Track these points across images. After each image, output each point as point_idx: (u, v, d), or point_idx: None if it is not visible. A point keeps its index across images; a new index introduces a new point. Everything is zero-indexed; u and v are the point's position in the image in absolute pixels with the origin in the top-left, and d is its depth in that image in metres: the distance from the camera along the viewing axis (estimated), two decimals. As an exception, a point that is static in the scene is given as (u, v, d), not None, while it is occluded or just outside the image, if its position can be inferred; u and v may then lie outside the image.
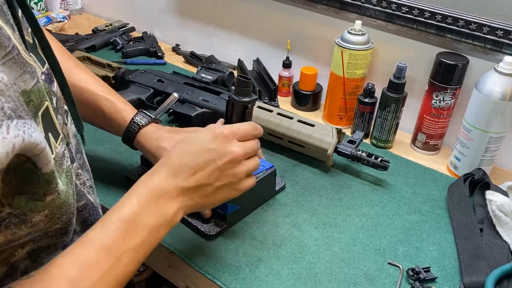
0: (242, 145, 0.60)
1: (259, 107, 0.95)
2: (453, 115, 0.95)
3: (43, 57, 0.53)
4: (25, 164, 0.38)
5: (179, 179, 0.56)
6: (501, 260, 0.69)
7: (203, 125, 0.98)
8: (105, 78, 1.12)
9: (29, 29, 0.51)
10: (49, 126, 0.45)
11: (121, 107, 0.76)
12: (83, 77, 0.76)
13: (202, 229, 0.72)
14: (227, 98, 0.67)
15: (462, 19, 0.88)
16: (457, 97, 0.92)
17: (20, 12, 0.49)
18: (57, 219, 0.46)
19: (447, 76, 0.89)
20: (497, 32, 0.85)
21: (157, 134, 0.73)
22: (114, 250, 0.48)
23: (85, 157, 0.63)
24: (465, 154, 0.88)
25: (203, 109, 0.99)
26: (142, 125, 0.74)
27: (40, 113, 0.43)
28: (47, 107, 0.45)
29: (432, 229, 0.78)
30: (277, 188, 0.82)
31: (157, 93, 1.04)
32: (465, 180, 0.84)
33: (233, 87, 0.85)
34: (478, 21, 0.87)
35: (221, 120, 0.71)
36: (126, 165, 0.87)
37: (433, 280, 0.68)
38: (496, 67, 0.81)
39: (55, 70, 0.55)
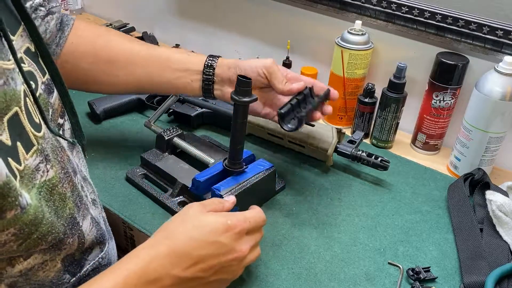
0: (249, 241, 0.57)
1: (259, 107, 0.95)
2: (453, 115, 0.95)
3: (44, 66, 0.51)
4: None
5: (177, 268, 0.51)
6: (501, 260, 0.69)
7: (203, 125, 1.00)
8: (105, 78, 1.12)
9: (30, 38, 0.50)
10: (18, 135, 0.42)
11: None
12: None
13: (202, 229, 0.72)
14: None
15: (462, 19, 0.88)
16: (457, 97, 0.92)
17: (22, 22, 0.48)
18: (38, 240, 0.43)
19: (447, 76, 0.89)
20: (497, 32, 0.85)
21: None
22: None
23: (87, 169, 0.62)
24: (465, 154, 0.88)
25: (203, 109, 0.99)
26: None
27: (5, 118, 0.40)
28: (16, 113, 0.42)
29: (432, 229, 0.78)
30: (277, 188, 0.82)
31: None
32: (465, 180, 0.84)
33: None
34: (478, 21, 0.87)
35: (232, 199, 0.64)
36: (126, 165, 0.87)
37: (433, 280, 0.68)
38: (496, 67, 0.81)
39: (56, 78, 0.53)
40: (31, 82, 0.46)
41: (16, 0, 0.47)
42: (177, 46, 1.36)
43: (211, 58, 0.76)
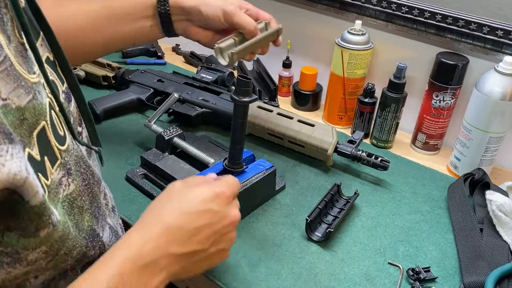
0: (237, 205, 0.56)
1: (259, 107, 0.95)
2: (453, 115, 0.95)
3: (62, 75, 0.51)
4: (12, 196, 0.34)
5: (174, 245, 0.48)
6: (501, 260, 0.69)
7: (203, 125, 1.00)
8: (105, 78, 1.12)
9: (49, 47, 0.49)
10: (45, 149, 0.41)
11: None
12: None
13: (202, 229, 0.72)
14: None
15: (462, 19, 0.88)
16: (457, 97, 0.92)
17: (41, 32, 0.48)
18: (65, 256, 0.42)
19: (447, 76, 0.89)
20: (497, 32, 0.85)
21: None
22: None
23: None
24: (465, 154, 0.88)
25: (203, 109, 0.99)
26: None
27: (35, 133, 0.39)
28: (43, 128, 0.41)
29: (432, 229, 0.78)
30: (277, 188, 0.82)
31: (157, 93, 1.04)
32: (465, 180, 0.84)
33: (233, 87, 0.85)
34: (478, 21, 0.87)
35: (213, 176, 0.62)
36: (126, 165, 0.87)
37: (433, 280, 0.68)
38: (496, 67, 0.81)
39: (73, 87, 0.52)
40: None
41: (36, 8, 0.47)
42: (177, 46, 1.36)
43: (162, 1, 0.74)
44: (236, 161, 0.75)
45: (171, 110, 0.99)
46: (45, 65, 0.46)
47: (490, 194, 0.75)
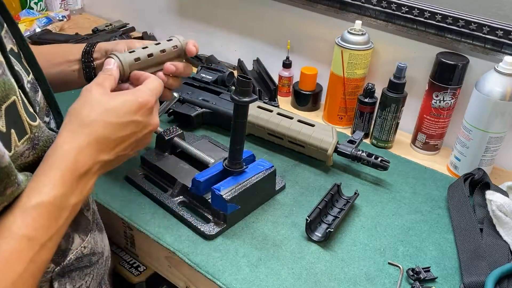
0: (157, 112, 0.59)
1: (259, 107, 0.95)
2: (453, 115, 0.95)
3: (27, 66, 0.53)
4: None
5: (102, 154, 0.52)
6: (501, 260, 0.69)
7: (203, 125, 1.00)
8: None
9: (14, 39, 0.51)
10: (13, 122, 0.44)
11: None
12: None
13: (202, 229, 0.72)
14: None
15: (462, 19, 0.88)
16: (457, 97, 0.92)
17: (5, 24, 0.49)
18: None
19: (447, 76, 0.89)
20: (497, 32, 0.85)
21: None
22: (37, 238, 0.45)
23: None
24: (465, 154, 0.88)
25: (203, 109, 0.99)
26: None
27: (3, 107, 0.42)
28: (14, 102, 0.44)
29: (432, 229, 0.78)
30: (277, 188, 0.82)
31: (157, 93, 1.04)
32: (465, 180, 0.84)
33: (233, 87, 0.85)
34: (478, 21, 0.87)
35: (117, 71, 0.62)
36: (126, 165, 0.87)
37: (433, 280, 0.68)
38: (496, 67, 0.81)
39: (40, 79, 0.55)
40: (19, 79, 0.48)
41: None
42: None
43: (89, 45, 0.73)
44: (236, 161, 0.75)
45: (171, 110, 0.99)
46: (9, 55, 0.48)
47: (490, 194, 0.75)
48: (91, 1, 1.59)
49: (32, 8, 1.50)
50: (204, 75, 1.07)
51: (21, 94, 0.47)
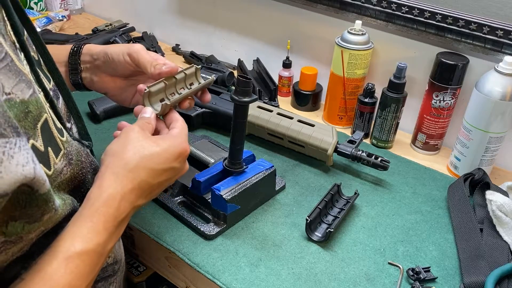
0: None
1: (259, 107, 0.95)
2: (453, 115, 0.95)
3: (48, 73, 0.52)
4: (20, 188, 0.36)
5: (139, 199, 0.54)
6: (501, 260, 0.69)
7: (203, 125, 1.00)
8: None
9: (34, 47, 0.50)
10: (49, 140, 0.43)
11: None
12: None
13: (202, 229, 0.72)
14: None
15: (462, 19, 0.88)
16: (457, 97, 0.92)
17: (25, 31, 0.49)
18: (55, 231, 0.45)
19: (447, 76, 0.89)
20: (497, 32, 0.85)
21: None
22: (78, 285, 0.45)
23: None
24: (465, 154, 0.88)
25: (203, 109, 0.99)
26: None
27: (39, 125, 0.41)
28: (46, 120, 0.43)
29: (432, 229, 0.78)
30: (277, 188, 0.82)
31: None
32: (465, 180, 0.84)
33: (233, 87, 0.85)
34: (478, 21, 0.87)
35: (154, 119, 0.62)
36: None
37: (433, 280, 0.68)
38: (496, 67, 0.81)
39: (60, 85, 0.54)
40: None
41: (19, 9, 0.48)
42: (177, 46, 1.36)
43: (76, 46, 0.71)
44: (236, 161, 0.75)
45: (171, 110, 0.99)
46: (37, 70, 0.48)
47: (490, 194, 0.75)
48: (91, 1, 1.59)
49: (32, 8, 1.50)
50: (204, 75, 1.06)
51: (49, 110, 0.46)
